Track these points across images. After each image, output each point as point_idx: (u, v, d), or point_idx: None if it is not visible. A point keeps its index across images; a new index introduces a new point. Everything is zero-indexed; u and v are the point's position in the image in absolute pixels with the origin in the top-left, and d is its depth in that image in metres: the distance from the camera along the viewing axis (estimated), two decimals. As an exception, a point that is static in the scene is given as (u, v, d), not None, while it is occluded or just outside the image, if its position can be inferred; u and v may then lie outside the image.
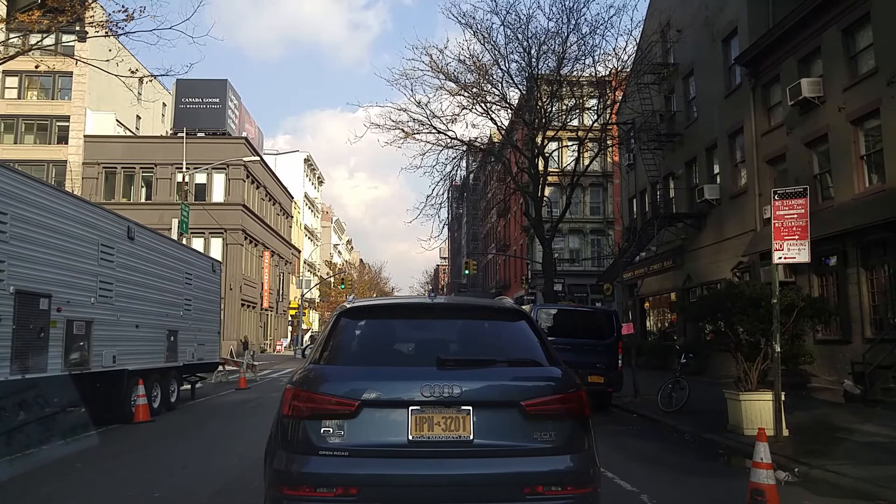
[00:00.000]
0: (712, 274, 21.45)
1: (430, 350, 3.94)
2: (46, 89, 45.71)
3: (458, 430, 3.53)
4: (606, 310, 17.26)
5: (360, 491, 3.40)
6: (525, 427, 3.60)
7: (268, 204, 52.26)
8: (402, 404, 3.54)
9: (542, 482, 3.49)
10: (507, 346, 4.13)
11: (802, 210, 9.32)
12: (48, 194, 9.19)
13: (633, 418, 13.12)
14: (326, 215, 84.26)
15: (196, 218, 42.55)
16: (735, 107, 20.33)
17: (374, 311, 4.51)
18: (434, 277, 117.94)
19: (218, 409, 14.49)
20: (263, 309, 49.93)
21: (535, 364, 3.93)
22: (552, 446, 3.60)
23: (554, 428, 3.63)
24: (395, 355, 4.12)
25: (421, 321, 4.32)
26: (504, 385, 3.74)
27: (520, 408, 3.60)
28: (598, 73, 22.90)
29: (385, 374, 3.72)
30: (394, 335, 4.25)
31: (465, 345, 4.16)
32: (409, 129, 23.39)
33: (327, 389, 3.58)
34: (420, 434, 3.51)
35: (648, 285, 27.05)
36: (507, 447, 3.57)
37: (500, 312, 4.54)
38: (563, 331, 14.14)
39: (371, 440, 3.50)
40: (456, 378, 3.58)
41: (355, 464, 3.43)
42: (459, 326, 4.35)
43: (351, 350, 3.99)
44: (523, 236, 51.07)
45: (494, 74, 23.63)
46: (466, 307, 5.15)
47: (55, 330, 9.04)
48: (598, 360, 13.79)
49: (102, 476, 7.56)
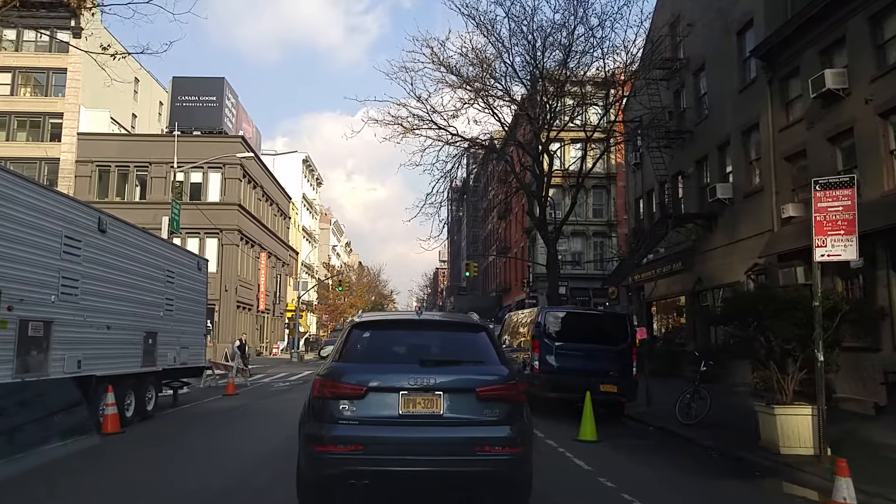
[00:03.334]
0: (725, 276, 20.37)
1: (416, 353, 5.46)
2: (40, 86, 44.64)
3: (433, 408, 5.05)
4: (619, 313, 16.14)
5: (365, 447, 4.89)
6: (478, 406, 5.11)
7: (265, 204, 51.17)
8: (395, 390, 5.07)
9: (488, 444, 5.00)
10: (469, 350, 5.56)
11: (849, 202, 8.23)
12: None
13: (649, 431, 12.01)
14: (325, 217, 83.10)
15: (191, 218, 41.51)
16: (750, 102, 19.27)
17: (376, 324, 6.03)
18: (433, 281, 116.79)
19: (198, 418, 13.36)
20: (260, 311, 48.78)
21: (488, 363, 5.43)
22: (496, 420, 5.10)
23: (497, 407, 5.13)
24: (391, 356, 5.58)
25: (410, 332, 5.95)
26: (465, 378, 5.24)
27: (475, 393, 5.13)
28: (606, 67, 21.86)
29: (384, 370, 5.24)
30: (390, 341, 5.75)
31: (441, 349, 5.63)
32: (408, 123, 22.35)
33: (344, 379, 5.10)
34: (407, 410, 5.04)
35: (656, 288, 25.98)
36: (465, 419, 5.10)
37: (468, 326, 6.03)
38: (573, 335, 13.09)
39: (373, 414, 5.03)
40: (433, 373, 5.12)
41: (362, 429, 4.95)
42: (437, 336, 5.97)
43: (360, 352, 5.47)
44: (524, 238, 49.95)
45: (498, 69, 22.61)
46: (443, 322, 6.86)
47: (5, 332, 7.94)
48: (610, 368, 12.72)
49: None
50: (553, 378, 12.61)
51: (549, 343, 12.82)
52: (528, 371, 13.00)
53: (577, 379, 12.44)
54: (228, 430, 11.60)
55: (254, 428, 11.95)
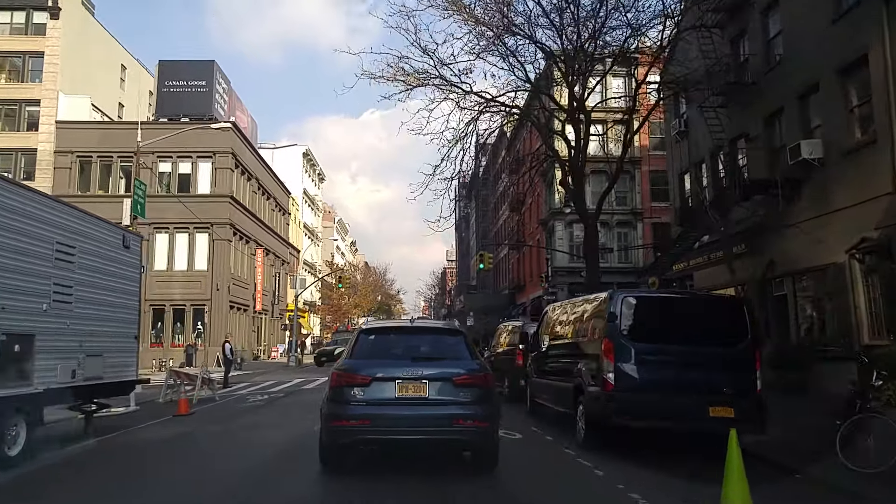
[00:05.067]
0: (813, 258, 15.77)
1: (408, 351, 7.20)
2: (15, 71, 40.42)
3: (421, 392, 6.70)
4: (731, 297, 11.41)
5: (371, 422, 6.58)
6: (454, 390, 6.75)
7: (261, 198, 46.81)
8: (392, 379, 6.72)
9: (462, 419, 6.65)
10: (449, 349, 7.29)
11: None
12: None
13: (796, 483, 7.36)
14: (328, 215, 78.65)
15: (180, 211, 37.15)
16: (852, 32, 14.67)
17: (378, 330, 8.12)
18: (441, 280, 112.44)
19: (97, 464, 8.53)
20: (256, 312, 44.38)
21: (463, 360, 7.11)
22: (468, 401, 6.74)
23: (469, 391, 6.79)
24: (390, 354, 7.19)
25: (404, 335, 7.87)
26: (445, 370, 6.88)
27: (452, 381, 6.78)
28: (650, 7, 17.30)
29: (384, 364, 6.89)
30: (389, 343, 7.53)
31: (427, 348, 7.38)
32: (414, 78, 17.88)
33: (355, 372, 6.83)
34: (401, 394, 6.68)
35: (708, 277, 21.37)
36: (445, 400, 6.73)
37: (449, 331, 8.28)
38: (664, 333, 8.51)
39: (377, 397, 6.66)
40: (421, 366, 6.85)
41: (368, 409, 6.61)
42: (425, 339, 7.81)
43: (366, 351, 7.15)
44: (540, 231, 45.33)
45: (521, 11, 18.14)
46: (430, 328, 9.08)
47: None
48: (723, 380, 8.17)
49: None
50: (637, 399, 8.06)
51: (630, 345, 8.22)
52: (598, 388, 8.48)
53: (675, 399, 7.97)
54: (122, 489, 7.08)
55: (186, 481, 7.45)
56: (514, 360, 15.68)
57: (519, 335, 15.61)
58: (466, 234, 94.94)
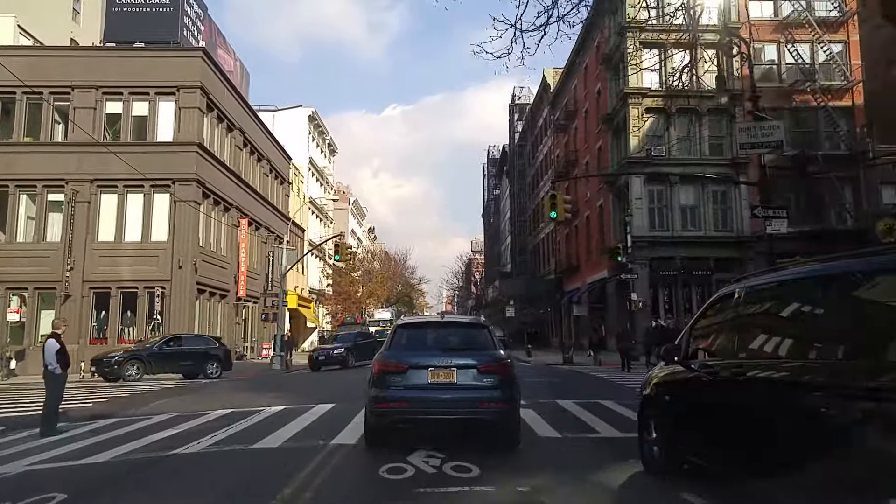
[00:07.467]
0: None
1: (439, 343, 7.85)
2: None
3: (450, 378, 7.33)
4: None
5: (409, 404, 7.28)
6: (479, 377, 7.35)
7: (249, 157, 36.48)
8: (425, 367, 7.36)
9: (486, 401, 7.27)
10: (476, 341, 7.90)
11: None
12: None
13: None
14: (343, 195, 68.30)
15: (135, 164, 26.92)
16: None
17: (413, 324, 8.76)
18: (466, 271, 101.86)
19: None
20: (240, 299, 34.02)
21: (487, 349, 7.71)
22: (491, 385, 7.35)
23: (492, 377, 7.37)
24: (423, 345, 7.86)
25: (436, 329, 8.38)
26: (471, 359, 7.44)
27: (478, 368, 7.37)
28: None
29: (418, 354, 7.54)
30: (422, 336, 8.16)
31: (457, 340, 7.96)
32: None
33: (393, 361, 7.52)
34: (433, 380, 7.32)
35: None
36: (471, 385, 7.33)
37: (475, 325, 8.68)
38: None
39: (413, 383, 7.33)
40: (451, 356, 7.45)
41: (406, 392, 7.29)
42: (455, 331, 8.41)
43: (402, 343, 7.88)
44: (605, 193, 34.10)
45: None
46: (459, 322, 9.46)
47: None
48: None
49: None
50: None
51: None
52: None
53: None
54: None
55: None
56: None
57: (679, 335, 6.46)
58: (496, 220, 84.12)
